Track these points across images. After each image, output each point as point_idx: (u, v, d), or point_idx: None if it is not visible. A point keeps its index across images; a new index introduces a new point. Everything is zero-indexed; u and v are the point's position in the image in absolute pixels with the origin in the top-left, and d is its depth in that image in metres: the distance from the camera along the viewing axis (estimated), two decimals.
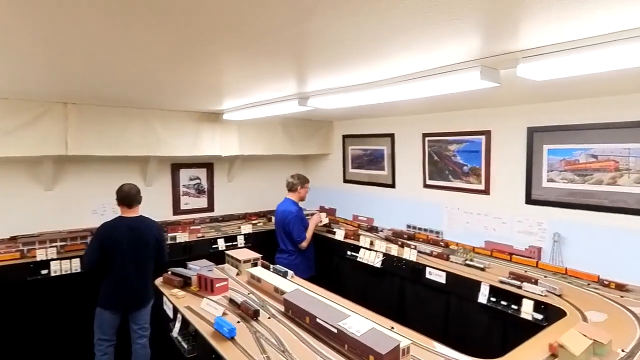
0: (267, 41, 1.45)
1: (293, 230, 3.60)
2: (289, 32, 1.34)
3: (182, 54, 1.64)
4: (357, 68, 1.89)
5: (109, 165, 3.89)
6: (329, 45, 1.50)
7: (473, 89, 1.85)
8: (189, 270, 2.62)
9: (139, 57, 1.69)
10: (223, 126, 4.03)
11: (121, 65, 1.86)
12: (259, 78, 2.15)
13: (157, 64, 1.83)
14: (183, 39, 1.42)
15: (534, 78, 1.64)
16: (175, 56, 1.67)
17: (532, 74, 1.59)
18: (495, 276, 2.65)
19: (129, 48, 1.55)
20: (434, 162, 3.70)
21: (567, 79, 1.93)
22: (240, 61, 1.78)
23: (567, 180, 2.83)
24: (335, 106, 2.74)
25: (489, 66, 1.67)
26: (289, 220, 3.62)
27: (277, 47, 1.53)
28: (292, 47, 1.53)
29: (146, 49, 1.56)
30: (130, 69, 1.94)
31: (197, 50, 1.58)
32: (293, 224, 3.61)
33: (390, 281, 3.27)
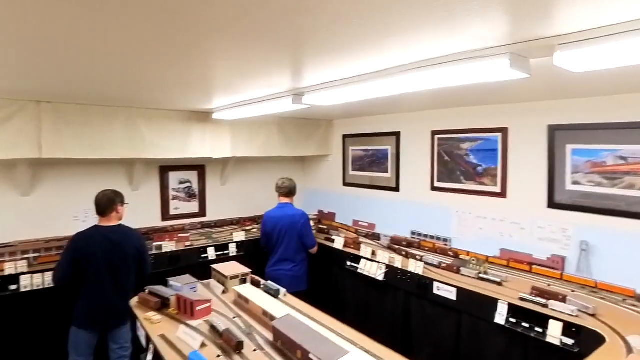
0: (257, 21, 1.19)
1: (309, 235, 3.42)
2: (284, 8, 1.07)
3: (166, 43, 1.41)
4: (361, 55, 1.58)
5: (91, 168, 3.61)
6: (329, 25, 1.22)
7: (500, 80, 1.54)
8: (169, 288, 2.33)
9: (120, 49, 1.49)
10: (214, 126, 3.73)
11: (99, 59, 1.64)
12: (249, 70, 1.86)
13: (140, 56, 1.59)
14: (166, 25, 1.20)
15: (572, 69, 1.33)
16: (159, 46, 1.45)
17: (570, 63, 1.28)
18: (515, 292, 2.34)
19: (108, 40, 1.36)
20: (444, 163, 3.39)
21: (603, 72, 1.62)
22: (228, 48, 1.50)
23: (594, 183, 2.52)
24: (334, 102, 2.43)
25: (519, 54, 1.36)
26: (302, 224, 3.40)
27: (269, 28, 1.25)
28: (286, 27, 1.25)
29: (128, 39, 1.36)
30: (110, 62, 1.70)
31: (182, 39, 1.36)
32: (308, 228, 3.43)
33: (394, 296, 2.96)
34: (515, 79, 1.51)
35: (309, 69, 1.87)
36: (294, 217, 3.44)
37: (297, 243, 3.42)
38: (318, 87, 2.23)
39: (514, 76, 1.46)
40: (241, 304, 2.15)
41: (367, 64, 1.74)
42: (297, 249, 3.43)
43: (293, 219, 3.43)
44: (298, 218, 3.45)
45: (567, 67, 1.34)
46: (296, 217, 3.45)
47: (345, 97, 2.26)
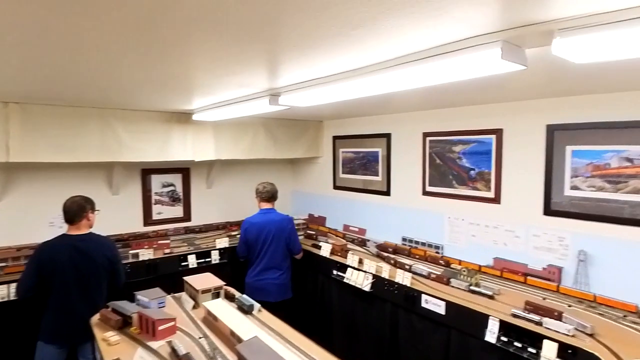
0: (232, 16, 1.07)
1: (297, 241, 3.31)
2: None
3: (140, 40, 1.29)
4: (337, 51, 1.43)
5: (68, 172, 3.46)
6: (306, 18, 1.08)
7: (491, 73, 1.37)
8: (136, 302, 2.17)
9: (92, 47, 1.36)
10: (196, 128, 3.57)
11: (71, 57, 1.50)
12: (223, 68, 1.70)
13: (113, 53, 1.46)
14: (139, 21, 1.11)
15: (573, 59, 1.16)
16: (133, 43, 1.33)
17: (571, 52, 1.10)
18: (507, 307, 2.17)
19: (80, 37, 1.24)
20: (435, 166, 3.22)
21: (607, 65, 1.46)
22: (203, 44, 1.35)
23: (595, 187, 2.34)
24: (311, 103, 2.27)
25: (512, 42, 1.19)
26: (290, 229, 3.27)
27: (244, 24, 1.13)
28: (261, 21, 1.11)
29: (100, 36, 1.24)
30: (82, 61, 1.56)
31: (157, 37, 1.25)
32: (296, 233, 3.31)
33: (380, 308, 2.79)
34: (509, 72, 1.33)
35: (284, 67, 1.71)
36: (281, 223, 3.28)
37: (284, 249, 3.28)
38: (294, 87, 2.07)
39: (507, 68, 1.28)
40: (210, 322, 1.99)
41: (344, 61, 1.58)
42: (284, 255, 3.28)
43: (280, 224, 3.27)
44: (285, 223, 3.30)
45: (567, 57, 1.15)
46: (283, 222, 3.30)
47: (322, 98, 2.09)
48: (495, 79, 1.86)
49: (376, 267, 2.80)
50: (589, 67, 1.58)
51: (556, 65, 1.60)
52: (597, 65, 1.47)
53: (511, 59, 1.21)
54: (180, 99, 2.72)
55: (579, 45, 1.03)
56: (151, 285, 2.85)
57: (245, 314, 2.10)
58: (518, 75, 1.80)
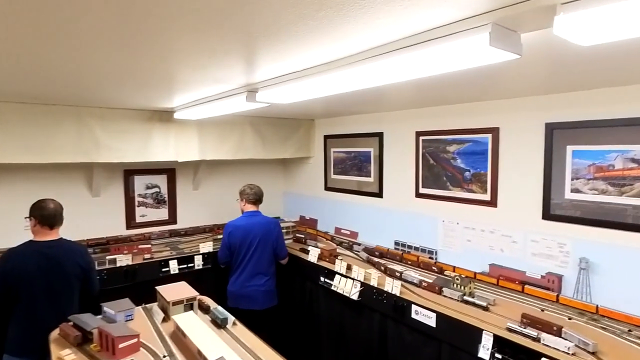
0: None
1: (284, 245, 3.17)
2: None
3: (114, 31, 1.17)
4: (314, 42, 1.28)
5: (45, 173, 3.31)
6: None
7: (477, 64, 1.20)
8: (102, 315, 2.02)
9: (63, 40, 1.24)
10: (179, 127, 3.41)
11: (40, 51, 1.37)
12: (197, 59, 1.54)
13: (86, 46, 1.32)
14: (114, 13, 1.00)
15: (579, 41, 0.99)
16: (107, 35, 1.20)
17: (577, 32, 0.92)
18: (502, 320, 2.01)
19: (49, 29, 1.12)
20: (429, 167, 3.06)
21: (616, 49, 1.29)
22: (177, 33, 1.20)
23: (597, 190, 2.18)
24: (292, 99, 2.11)
25: (505, 25, 1.02)
26: (277, 233, 3.12)
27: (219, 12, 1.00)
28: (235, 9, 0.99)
29: (71, 28, 1.12)
30: (53, 55, 1.42)
31: (130, 28, 1.14)
32: (282, 237, 3.17)
33: (369, 318, 2.62)
34: (502, 63, 1.17)
35: (258, 58, 1.55)
36: (268, 226, 3.12)
37: (270, 254, 3.12)
38: (272, 81, 1.91)
39: (497, 57, 1.12)
40: (179, 338, 1.84)
41: (318, 52, 1.42)
42: (270, 260, 3.13)
43: (267, 228, 3.11)
44: (273, 226, 3.14)
45: (571, 38, 0.95)
46: (270, 225, 3.15)
47: (302, 94, 1.93)
48: (487, 71, 1.71)
49: (365, 275, 2.63)
50: (593, 55, 1.42)
51: (556, 54, 1.43)
52: (604, 50, 1.30)
53: (502, 46, 1.04)
54: (159, 95, 2.56)
55: (586, 22, 0.84)
56: (129, 293, 2.71)
57: (219, 328, 1.95)
58: (512, 67, 1.64)
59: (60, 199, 3.36)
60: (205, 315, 2.09)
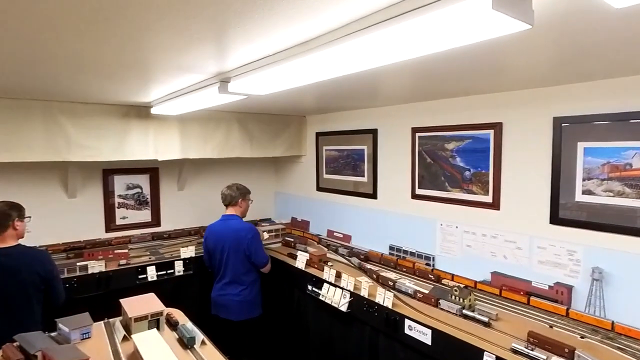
0: None
1: (257, 252, 2.84)
2: None
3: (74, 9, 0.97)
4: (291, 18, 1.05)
5: (16, 174, 3.10)
6: None
7: (480, 38, 0.96)
8: (57, 332, 1.80)
9: (22, 22, 1.07)
10: (159, 124, 3.19)
11: None
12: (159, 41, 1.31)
13: (52, 31, 1.14)
14: None
15: (614, 3, 0.75)
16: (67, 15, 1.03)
17: None
18: (506, 338, 1.78)
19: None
20: (426, 166, 2.82)
21: None
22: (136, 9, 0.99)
23: (613, 192, 1.94)
24: (269, 90, 1.87)
25: None
26: (249, 240, 2.81)
27: None
28: None
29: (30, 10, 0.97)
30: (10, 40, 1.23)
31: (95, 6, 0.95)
32: (257, 244, 2.84)
33: (359, 331, 2.40)
34: (508, 36, 0.93)
35: (231, 41, 1.32)
36: (238, 232, 2.83)
37: (245, 262, 2.84)
38: (246, 68, 1.68)
39: (503, 27, 0.88)
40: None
41: (300, 29, 1.19)
42: (245, 269, 2.85)
43: (237, 234, 2.83)
44: (244, 233, 2.83)
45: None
46: (241, 231, 2.84)
47: (279, 82, 1.70)
48: (489, 54, 1.47)
49: (355, 284, 2.41)
50: (621, 27, 1.18)
51: (574, 27, 1.18)
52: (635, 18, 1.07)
53: (509, 11, 0.81)
54: (131, 88, 2.33)
55: None
56: (101, 303, 2.50)
57: (185, 348, 1.73)
58: (518, 49, 1.41)
59: (34, 201, 3.18)
60: (174, 332, 1.87)
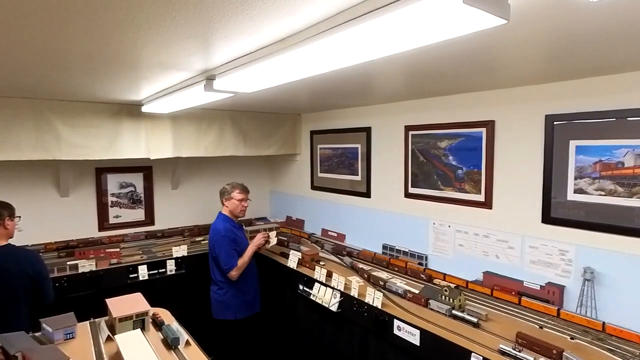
0: None
1: (220, 255, 2.74)
2: None
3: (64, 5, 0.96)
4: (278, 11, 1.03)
5: (6, 171, 3.09)
6: None
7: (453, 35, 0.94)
8: (41, 332, 1.79)
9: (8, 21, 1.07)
10: (151, 122, 3.17)
11: None
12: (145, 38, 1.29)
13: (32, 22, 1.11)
14: None
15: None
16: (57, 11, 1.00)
17: None
18: (495, 339, 1.76)
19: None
20: (419, 164, 2.80)
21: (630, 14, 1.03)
22: None
23: (604, 191, 1.92)
24: (256, 87, 1.85)
25: None
26: (214, 241, 2.77)
27: None
28: None
29: None
30: None
31: None
32: (220, 247, 2.74)
33: (349, 331, 2.38)
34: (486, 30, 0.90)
35: (216, 36, 1.29)
36: (212, 232, 2.84)
37: (216, 263, 2.81)
38: (231, 64, 1.65)
39: (476, 23, 0.86)
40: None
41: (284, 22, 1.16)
42: (217, 270, 2.83)
43: (211, 234, 2.84)
44: (214, 233, 2.82)
45: None
46: (213, 231, 2.83)
47: (266, 79, 1.67)
48: (475, 51, 1.45)
49: (345, 283, 2.39)
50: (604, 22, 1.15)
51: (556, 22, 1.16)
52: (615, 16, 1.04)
53: (482, 5, 0.78)
54: (119, 85, 2.30)
55: None
56: (91, 302, 2.49)
57: (169, 349, 1.71)
58: (504, 45, 1.38)
59: (26, 200, 3.18)
60: (159, 333, 1.85)
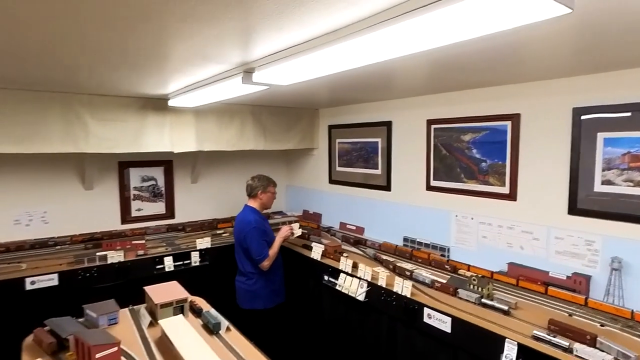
0: None
1: (251, 246, 2.79)
2: None
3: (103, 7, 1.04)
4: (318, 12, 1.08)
5: (34, 165, 3.14)
6: None
7: (519, 23, 0.97)
8: (84, 318, 1.84)
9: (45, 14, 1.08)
10: (175, 116, 3.22)
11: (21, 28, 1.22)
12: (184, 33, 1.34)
13: (73, 24, 1.20)
14: None
15: None
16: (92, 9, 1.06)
17: None
18: (527, 326, 1.80)
19: None
20: (441, 158, 2.84)
21: None
22: None
23: (633, 182, 1.95)
24: (293, 80, 1.89)
25: None
26: (245, 233, 2.82)
27: None
28: None
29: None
30: (34, 32, 1.27)
31: None
32: (251, 239, 2.78)
33: (376, 320, 2.43)
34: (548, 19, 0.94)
35: (258, 31, 1.34)
36: (241, 224, 2.88)
37: (246, 254, 2.87)
38: (270, 59, 1.70)
39: (542, 11, 0.89)
40: (166, 345, 1.65)
41: (325, 22, 1.22)
42: (247, 261, 2.88)
43: (240, 226, 2.88)
44: (244, 226, 2.86)
45: None
46: (242, 223, 2.88)
47: (304, 72, 1.72)
48: (510, 45, 1.48)
49: (372, 274, 2.43)
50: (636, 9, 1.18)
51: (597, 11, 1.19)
52: None
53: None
54: (151, 79, 2.36)
55: None
56: (121, 292, 2.55)
57: (211, 334, 1.76)
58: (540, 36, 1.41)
59: (52, 192, 3.24)
60: (198, 319, 1.91)
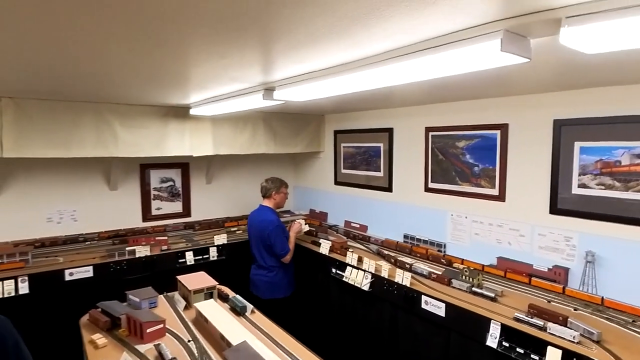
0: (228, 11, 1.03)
1: (276, 243, 3.08)
2: None
3: (135, 31, 1.21)
4: (332, 46, 1.37)
5: (65, 167, 3.43)
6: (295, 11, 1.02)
7: (492, 66, 1.27)
8: (127, 302, 2.13)
9: (84, 37, 1.27)
10: (194, 123, 3.50)
11: (62, 49, 1.42)
12: (215, 62, 1.62)
13: (108, 47, 1.39)
14: (130, 15, 1.05)
15: (584, 49, 1.06)
16: (128, 34, 1.24)
17: (581, 42, 1.00)
18: (510, 310, 2.09)
19: (71, 25, 1.15)
20: (438, 162, 3.12)
21: (621, 55, 1.34)
22: (200, 39, 1.29)
23: (604, 186, 2.24)
24: (308, 98, 2.18)
25: (516, 32, 1.09)
26: (269, 231, 3.10)
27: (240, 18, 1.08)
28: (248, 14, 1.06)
29: (95, 27, 1.17)
30: (74, 53, 1.48)
31: (152, 27, 1.17)
32: (275, 236, 3.08)
33: (380, 308, 2.72)
34: (512, 64, 1.23)
35: (276, 61, 1.63)
36: (261, 224, 3.16)
37: (268, 250, 3.15)
38: (288, 80, 1.99)
39: (508, 61, 1.18)
40: (201, 324, 1.94)
41: (337, 56, 1.50)
42: (268, 256, 3.17)
43: (260, 225, 3.16)
44: (266, 224, 3.13)
45: (576, 47, 1.04)
46: (265, 222, 3.14)
47: (318, 92, 2.01)
48: (497, 71, 1.76)
49: (375, 266, 2.72)
50: (600, 58, 1.48)
51: (564, 57, 1.49)
52: (609, 55, 1.37)
53: (513, 50, 1.11)
54: (175, 93, 2.65)
55: (588, 34, 0.92)
56: (148, 282, 2.83)
57: (238, 315, 2.05)
58: (522, 68, 1.70)
59: (81, 193, 3.53)
60: (225, 304, 2.19)
